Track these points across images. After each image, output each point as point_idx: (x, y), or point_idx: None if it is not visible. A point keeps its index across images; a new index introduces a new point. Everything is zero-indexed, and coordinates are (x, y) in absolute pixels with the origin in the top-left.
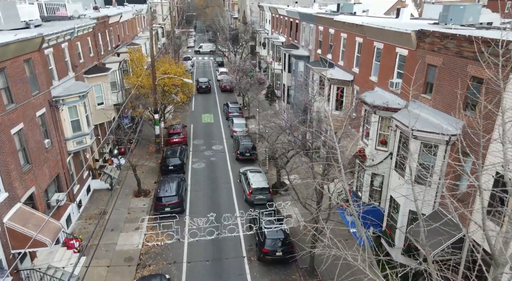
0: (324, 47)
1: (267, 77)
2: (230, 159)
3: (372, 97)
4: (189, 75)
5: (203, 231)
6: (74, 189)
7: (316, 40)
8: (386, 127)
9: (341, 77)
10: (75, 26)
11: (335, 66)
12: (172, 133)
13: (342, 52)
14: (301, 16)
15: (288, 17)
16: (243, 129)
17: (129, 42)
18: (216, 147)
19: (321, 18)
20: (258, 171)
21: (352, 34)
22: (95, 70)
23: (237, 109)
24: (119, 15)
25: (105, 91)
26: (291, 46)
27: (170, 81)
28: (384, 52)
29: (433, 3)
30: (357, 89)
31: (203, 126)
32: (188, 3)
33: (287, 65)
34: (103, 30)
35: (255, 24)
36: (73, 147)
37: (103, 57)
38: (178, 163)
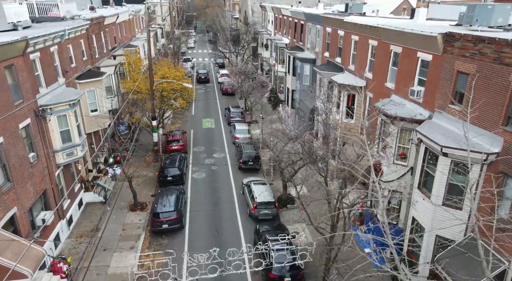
0: (333, 50)
1: (270, 80)
2: (232, 168)
3: (389, 106)
4: (189, 80)
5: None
6: (64, 205)
7: (324, 43)
8: (406, 139)
9: (352, 82)
10: (66, 28)
11: (345, 70)
12: (171, 141)
13: (353, 56)
14: (307, 17)
15: (292, 17)
16: (245, 136)
17: (126, 44)
18: (217, 154)
19: (329, 19)
20: (263, 182)
21: (365, 37)
22: (89, 75)
23: (239, 114)
24: (115, 16)
25: (99, 98)
26: (296, 48)
27: (169, 86)
28: (403, 57)
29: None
30: (370, 96)
31: (203, 132)
32: (188, 3)
33: (291, 68)
34: (97, 31)
35: (257, 24)
36: (63, 159)
37: (98, 60)
38: (177, 173)
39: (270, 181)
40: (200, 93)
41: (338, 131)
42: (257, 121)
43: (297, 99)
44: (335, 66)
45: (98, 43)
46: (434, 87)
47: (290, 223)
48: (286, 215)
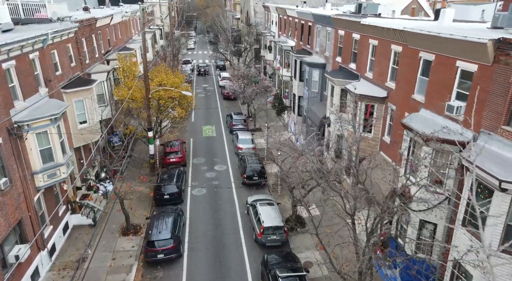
0: (346, 55)
1: (274, 84)
2: (235, 183)
3: (419, 123)
4: (188, 86)
5: None
6: (44, 233)
7: (335, 46)
8: (443, 163)
9: (371, 92)
10: (49, 31)
11: (360, 78)
12: (169, 152)
13: (371, 62)
14: (316, 18)
15: (298, 19)
16: (249, 146)
17: (122, 46)
18: (219, 167)
19: (341, 21)
20: (270, 202)
21: (386, 41)
22: (77, 83)
23: (242, 121)
24: (109, 17)
25: (88, 108)
26: (303, 51)
27: (166, 93)
28: (437, 66)
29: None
30: (393, 108)
31: (204, 141)
32: (188, 3)
33: (298, 73)
34: (88, 34)
35: (260, 25)
36: (43, 181)
37: (89, 66)
38: (175, 191)
39: (277, 198)
40: (200, 97)
41: (355, 146)
42: (260, 129)
43: (305, 107)
44: (349, 73)
45: (89, 47)
46: (480, 104)
47: (301, 249)
48: (296, 240)
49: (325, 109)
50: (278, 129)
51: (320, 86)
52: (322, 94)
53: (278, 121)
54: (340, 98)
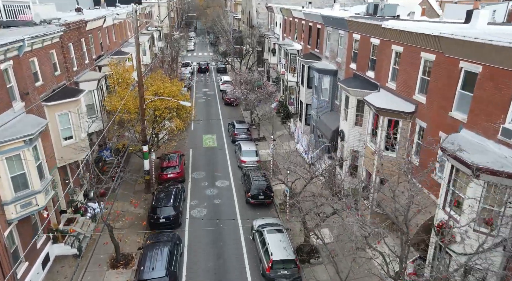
0: (362, 62)
1: (278, 89)
2: (238, 202)
3: (464, 147)
4: (187, 95)
5: None
6: (18, 272)
7: (349, 52)
8: (496, 200)
9: (395, 106)
10: (25, 37)
11: (380, 88)
12: (166, 167)
13: (394, 71)
14: (326, 20)
15: (306, 20)
16: (253, 159)
17: (116, 50)
18: (220, 182)
19: (357, 24)
20: (278, 228)
21: (414, 48)
22: (62, 94)
23: (245, 130)
24: (102, 19)
25: (74, 122)
26: (311, 56)
27: (163, 103)
28: (485, 80)
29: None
30: (422, 125)
31: (204, 152)
32: (188, 3)
33: (305, 79)
34: (77, 38)
35: (262, 27)
36: (16, 213)
37: (77, 74)
38: (172, 214)
39: (285, 221)
40: (200, 103)
41: (374, 167)
42: (265, 139)
43: (314, 116)
44: (366, 82)
45: (77, 52)
46: None
47: None
48: (309, 273)
49: (337, 121)
50: (284, 138)
51: (331, 95)
52: (333, 103)
53: (283, 129)
54: (356, 110)
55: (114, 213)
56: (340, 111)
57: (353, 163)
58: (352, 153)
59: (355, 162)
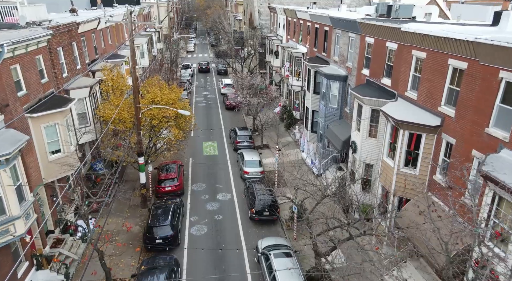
0: (376, 68)
1: (281, 93)
2: (241, 217)
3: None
4: (187, 102)
5: None
6: None
7: (361, 56)
8: None
9: (418, 119)
10: (4, 43)
11: (398, 97)
12: (164, 179)
13: (415, 79)
14: (335, 22)
15: (312, 22)
16: (257, 170)
17: (111, 53)
18: (222, 195)
19: (371, 27)
20: (286, 252)
21: (441, 55)
22: (49, 104)
23: (247, 138)
24: (96, 21)
25: (63, 134)
26: (317, 59)
27: (160, 112)
28: None
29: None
30: (450, 141)
31: (205, 161)
32: (188, 3)
33: (312, 83)
34: (67, 42)
35: (265, 28)
36: None
37: (68, 80)
38: (170, 234)
39: (292, 238)
40: (200, 107)
41: (393, 184)
42: (268, 146)
43: (321, 124)
44: (381, 90)
45: (68, 57)
46: None
47: None
48: None
49: (347, 130)
50: (288, 146)
51: (340, 102)
52: (342, 111)
53: (287, 136)
54: (370, 120)
55: (107, 232)
56: (350, 120)
57: (367, 177)
58: (366, 166)
59: (368, 175)
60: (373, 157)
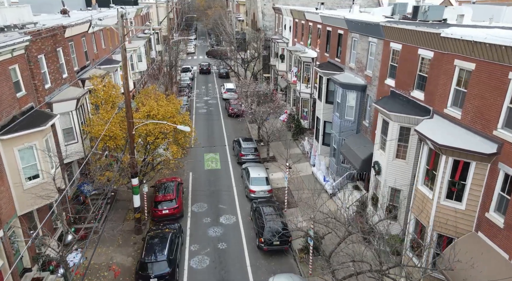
0: (404, 78)
1: (287, 100)
2: (248, 246)
3: None
4: (186, 116)
5: None
6: None
7: (384, 64)
8: None
9: (466, 144)
10: None
11: (434, 114)
12: (161, 201)
13: (458, 95)
14: (351, 25)
15: (323, 25)
16: (264, 189)
17: (105, 58)
18: (225, 218)
19: (399, 31)
20: None
21: (498, 67)
22: (24, 123)
23: (253, 150)
24: (86, 23)
25: (42, 157)
26: (330, 66)
27: (157, 127)
28: None
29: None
30: (508, 171)
31: (206, 176)
32: (188, 3)
33: (323, 92)
34: (51, 48)
35: (269, 30)
36: None
37: (50, 92)
38: (166, 271)
39: (307, 273)
40: (201, 114)
41: (430, 220)
42: (275, 159)
43: (335, 137)
44: (411, 104)
45: (51, 66)
46: None
47: None
48: None
49: (367, 147)
50: (296, 158)
51: (358, 114)
52: (359, 124)
53: (295, 147)
54: (398, 139)
55: (95, 266)
56: (369, 135)
57: (392, 204)
58: (391, 191)
59: (394, 202)
60: (401, 181)
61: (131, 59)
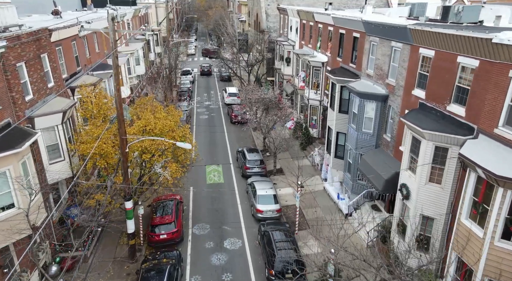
0: (437, 89)
1: (294, 106)
2: (256, 277)
3: None
4: (187, 129)
5: None
6: None
7: (411, 72)
8: None
9: None
10: None
11: (479, 133)
12: (158, 224)
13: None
14: (370, 28)
15: (335, 27)
16: (272, 208)
17: (98, 64)
18: (230, 242)
19: (432, 35)
20: None
21: None
22: None
23: (258, 163)
24: (75, 27)
25: (14, 183)
26: (343, 72)
27: (154, 143)
28: None
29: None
30: None
31: (208, 191)
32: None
33: (336, 100)
34: (34, 54)
35: (273, 31)
36: None
37: (32, 104)
38: None
39: None
40: (202, 120)
41: (480, 263)
42: (282, 171)
43: (351, 151)
44: (447, 120)
45: (34, 74)
46: None
47: None
48: None
49: (390, 165)
50: (305, 171)
51: (377, 126)
52: (379, 138)
53: (303, 157)
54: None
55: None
56: (391, 150)
57: (424, 234)
58: (422, 218)
59: (425, 232)
60: (435, 209)
61: (128, 63)
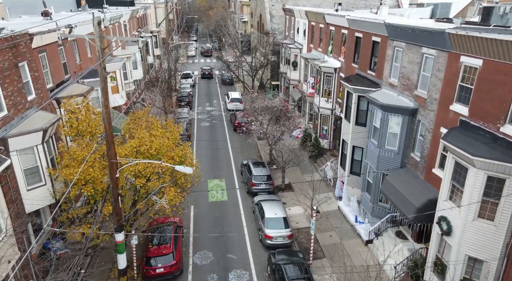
0: (485, 106)
1: (302, 113)
2: None
3: None
4: (187, 148)
5: None
6: None
7: (449, 84)
8: None
9: None
10: None
11: None
12: (154, 256)
13: None
14: (393, 32)
15: (350, 30)
16: (283, 234)
17: (90, 70)
18: (236, 274)
19: (481, 42)
20: None
21: None
22: None
23: (265, 178)
24: (67, 29)
25: None
26: (360, 79)
27: (149, 167)
28: None
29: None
30: None
31: (210, 211)
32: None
33: (353, 111)
34: (10, 64)
35: (278, 33)
36: None
37: (7, 122)
38: None
39: None
40: (203, 128)
41: None
42: (291, 188)
43: (371, 169)
44: (500, 143)
45: (9, 87)
46: None
47: None
48: None
49: (422, 190)
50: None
51: (403, 144)
52: (405, 156)
53: (313, 171)
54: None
55: None
56: (421, 171)
57: (470, 278)
58: (468, 260)
59: (472, 276)
60: (485, 250)
61: (124, 67)
